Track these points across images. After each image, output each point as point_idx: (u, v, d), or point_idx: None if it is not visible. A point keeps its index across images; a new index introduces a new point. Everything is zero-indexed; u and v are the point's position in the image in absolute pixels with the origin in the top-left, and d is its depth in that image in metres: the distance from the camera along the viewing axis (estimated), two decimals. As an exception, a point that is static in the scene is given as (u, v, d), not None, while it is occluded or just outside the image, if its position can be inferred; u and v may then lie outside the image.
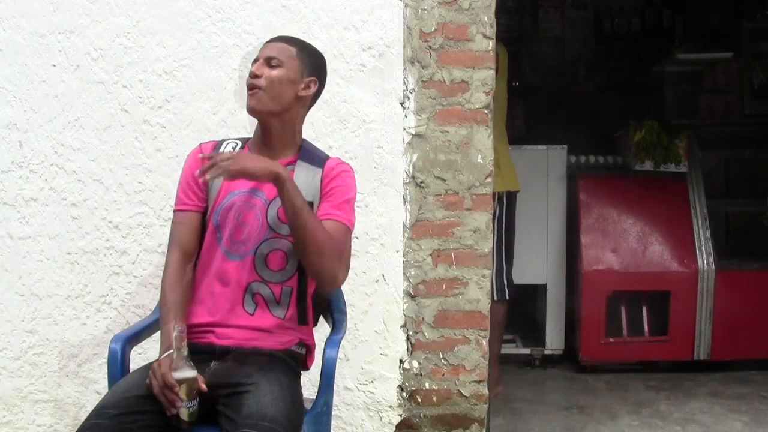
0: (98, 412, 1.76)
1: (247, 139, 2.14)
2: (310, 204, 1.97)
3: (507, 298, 3.51)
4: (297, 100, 2.04)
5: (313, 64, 2.08)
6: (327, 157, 2.09)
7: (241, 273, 1.99)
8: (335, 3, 2.60)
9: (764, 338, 3.91)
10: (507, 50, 3.59)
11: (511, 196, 3.55)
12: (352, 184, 2.07)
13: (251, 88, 2.00)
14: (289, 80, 2.01)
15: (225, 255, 2.01)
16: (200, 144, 2.17)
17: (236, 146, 2.10)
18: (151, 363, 1.92)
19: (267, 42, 2.09)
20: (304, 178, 2.01)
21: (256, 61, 2.04)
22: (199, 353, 1.92)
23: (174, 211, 2.10)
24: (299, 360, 2.05)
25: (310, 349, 2.10)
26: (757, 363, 3.97)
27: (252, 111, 2.01)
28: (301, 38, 2.18)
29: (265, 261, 1.99)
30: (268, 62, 2.00)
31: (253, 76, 2.00)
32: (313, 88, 2.07)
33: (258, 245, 1.99)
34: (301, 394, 1.93)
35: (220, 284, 2.00)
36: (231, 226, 2.00)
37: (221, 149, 2.09)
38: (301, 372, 2.08)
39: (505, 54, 3.52)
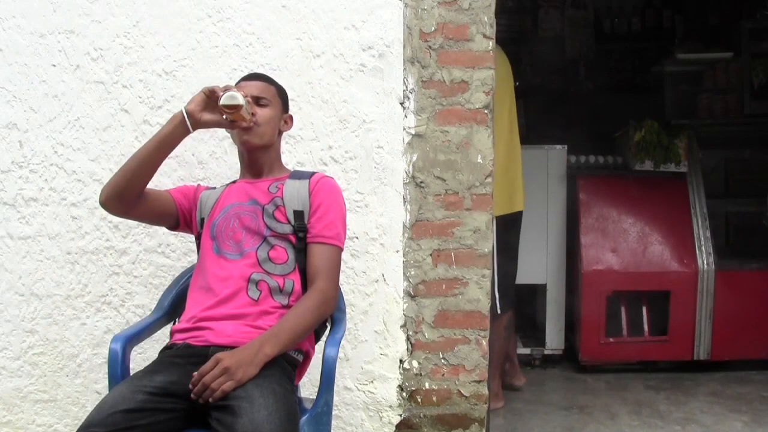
0: (84, 431, 1.74)
1: (233, 181, 2.26)
2: (301, 213, 2.08)
3: (498, 312, 3.31)
4: (278, 134, 2.24)
5: (286, 102, 2.28)
6: (313, 173, 2.22)
7: (243, 267, 2.03)
8: (335, 3, 2.60)
9: (764, 338, 3.91)
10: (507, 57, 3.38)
11: (509, 219, 3.39)
12: (338, 198, 2.17)
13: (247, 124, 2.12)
14: (276, 118, 2.20)
15: (225, 256, 2.06)
16: (198, 184, 2.33)
17: (225, 186, 2.25)
18: (137, 372, 1.91)
19: (246, 80, 2.21)
20: (292, 190, 2.13)
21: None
22: (192, 356, 1.92)
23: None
24: (295, 367, 2.04)
25: (307, 357, 2.09)
26: (757, 363, 3.97)
27: (246, 144, 2.16)
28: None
29: (268, 256, 2.05)
30: (257, 101, 2.15)
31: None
32: (290, 124, 2.28)
33: (259, 245, 2.05)
34: (295, 402, 1.90)
35: (222, 280, 2.03)
36: (229, 231, 2.09)
37: (215, 190, 2.25)
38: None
39: (505, 62, 3.32)
